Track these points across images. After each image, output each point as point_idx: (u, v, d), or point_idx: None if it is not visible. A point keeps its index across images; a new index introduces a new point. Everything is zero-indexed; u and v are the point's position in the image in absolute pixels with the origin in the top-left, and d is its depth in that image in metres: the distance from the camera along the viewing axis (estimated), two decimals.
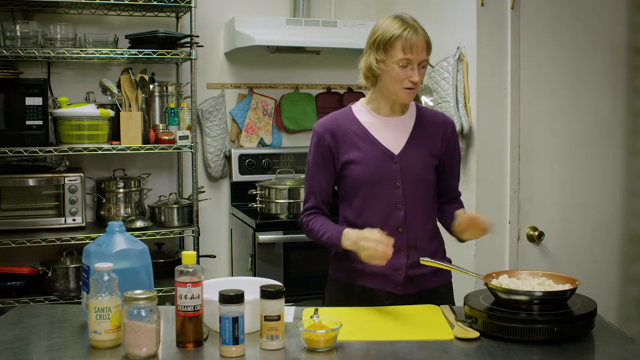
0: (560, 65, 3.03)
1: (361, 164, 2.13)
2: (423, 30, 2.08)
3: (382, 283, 2.14)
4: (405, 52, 2.04)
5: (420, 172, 2.14)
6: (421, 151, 2.15)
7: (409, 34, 2.05)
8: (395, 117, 2.18)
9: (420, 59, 2.06)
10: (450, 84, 3.03)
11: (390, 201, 2.12)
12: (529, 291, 1.80)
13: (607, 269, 3.17)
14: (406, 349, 1.71)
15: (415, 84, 2.07)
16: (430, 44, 2.08)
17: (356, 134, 2.16)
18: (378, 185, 2.12)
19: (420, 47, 2.05)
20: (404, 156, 2.13)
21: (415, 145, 2.15)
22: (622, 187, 3.17)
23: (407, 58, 2.05)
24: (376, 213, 2.12)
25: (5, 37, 3.25)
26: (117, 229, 1.90)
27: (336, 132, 2.16)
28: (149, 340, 1.64)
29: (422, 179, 2.15)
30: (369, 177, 2.12)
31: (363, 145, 2.14)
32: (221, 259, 3.89)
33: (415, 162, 2.14)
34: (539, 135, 3.02)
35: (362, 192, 2.14)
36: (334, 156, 2.16)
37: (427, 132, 2.18)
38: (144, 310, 1.64)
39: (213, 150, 3.79)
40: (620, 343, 1.75)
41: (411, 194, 2.13)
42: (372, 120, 2.18)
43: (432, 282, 2.17)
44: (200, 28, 3.61)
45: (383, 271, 2.10)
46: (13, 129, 3.16)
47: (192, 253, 1.71)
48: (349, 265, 2.16)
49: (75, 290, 3.28)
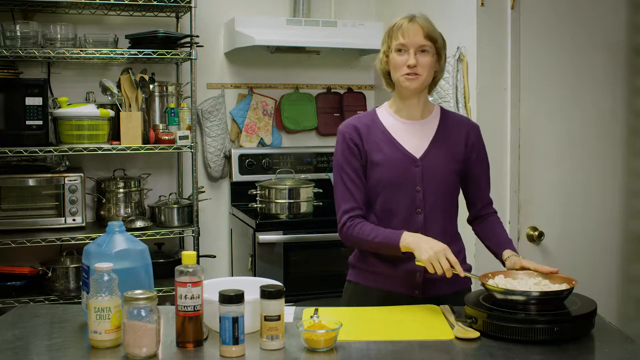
0: (560, 65, 3.03)
1: (383, 167, 2.13)
2: (424, 20, 2.10)
3: (400, 286, 2.14)
4: (399, 37, 2.08)
5: (441, 176, 2.14)
6: (443, 155, 2.15)
7: (404, 21, 2.09)
8: (418, 120, 2.18)
9: (416, 44, 2.07)
10: (450, 84, 3.03)
11: (410, 205, 2.12)
12: (525, 291, 1.80)
13: (607, 269, 3.17)
14: (406, 349, 1.71)
15: (412, 67, 2.07)
16: (430, 30, 2.08)
17: (379, 136, 2.16)
18: (399, 188, 2.12)
19: (413, 32, 2.07)
20: (425, 160, 2.13)
21: (438, 149, 2.15)
22: (622, 187, 3.17)
23: (402, 43, 2.08)
24: (396, 216, 2.12)
25: (5, 37, 3.25)
26: (117, 229, 1.90)
27: (361, 131, 2.17)
28: (149, 340, 1.64)
29: (443, 183, 2.14)
30: (390, 180, 2.12)
31: (385, 148, 2.14)
32: (221, 259, 3.89)
33: (436, 166, 2.13)
34: (539, 135, 3.02)
35: (382, 195, 2.14)
36: (361, 152, 2.15)
37: (450, 136, 2.18)
38: (144, 310, 1.64)
39: (213, 150, 3.79)
40: (620, 343, 1.75)
41: (431, 198, 2.12)
42: (395, 123, 2.18)
43: (452, 286, 2.13)
44: (200, 28, 3.61)
45: (401, 274, 2.11)
46: (13, 129, 3.16)
47: (192, 253, 1.71)
48: (368, 268, 2.17)
49: (75, 290, 3.28)
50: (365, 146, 2.15)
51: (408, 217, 2.12)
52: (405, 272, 2.12)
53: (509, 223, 3.00)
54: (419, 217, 2.12)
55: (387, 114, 2.21)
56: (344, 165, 2.15)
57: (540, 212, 3.03)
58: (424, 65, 2.08)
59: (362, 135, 2.16)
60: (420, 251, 1.95)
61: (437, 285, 2.12)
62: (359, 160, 2.15)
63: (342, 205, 2.14)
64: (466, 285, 2.20)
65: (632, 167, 3.17)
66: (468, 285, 2.21)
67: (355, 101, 4.02)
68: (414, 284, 2.13)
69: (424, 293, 2.13)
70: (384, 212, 2.14)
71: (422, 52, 2.08)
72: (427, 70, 2.09)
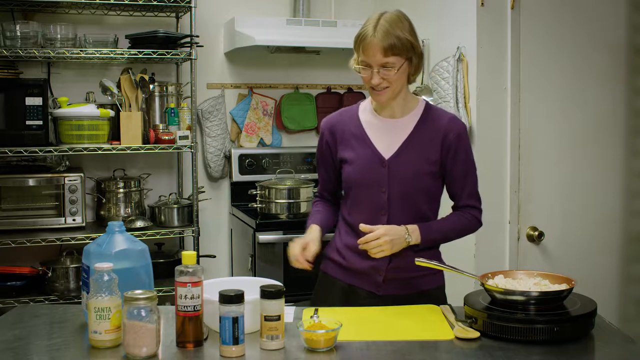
0: (560, 65, 3.03)
1: (352, 164, 2.14)
2: (385, 30, 1.99)
3: (363, 282, 2.15)
4: (361, 53, 2.04)
5: (410, 178, 2.09)
6: (414, 157, 2.10)
7: (368, 32, 2.01)
8: (396, 118, 2.15)
9: (377, 62, 2.01)
10: (450, 84, 3.03)
11: (375, 205, 2.11)
12: (525, 291, 1.80)
13: (607, 269, 3.17)
14: (406, 349, 1.71)
15: (376, 86, 2.04)
16: (390, 45, 1.98)
17: (354, 133, 2.16)
18: (365, 187, 2.12)
19: (372, 50, 2.00)
20: (394, 161, 2.10)
21: (409, 150, 2.11)
22: (622, 187, 3.17)
23: (364, 60, 2.04)
24: (362, 215, 2.13)
25: (5, 37, 3.25)
26: (117, 229, 1.90)
27: (336, 129, 2.19)
28: (149, 340, 1.64)
29: (411, 184, 2.10)
30: (357, 179, 2.13)
31: (357, 146, 2.14)
32: (221, 259, 3.89)
33: (406, 168, 2.09)
34: (539, 135, 3.02)
35: (352, 192, 2.17)
36: (332, 152, 2.22)
37: (427, 136, 2.12)
38: (144, 310, 1.64)
39: (213, 150, 3.79)
40: (620, 343, 1.75)
41: (397, 200, 2.10)
42: (372, 120, 2.17)
43: (415, 286, 2.14)
44: (200, 28, 3.61)
45: (366, 270, 2.13)
46: (13, 129, 3.16)
47: (192, 253, 1.71)
48: (336, 260, 2.21)
49: (75, 290, 3.28)
50: (338, 144, 2.18)
51: (373, 217, 2.11)
52: (368, 268, 2.12)
53: (509, 223, 3.00)
54: (383, 219, 2.10)
55: (367, 110, 2.20)
56: (319, 160, 2.29)
57: (540, 212, 3.03)
58: (390, 80, 2.04)
59: (335, 134, 2.19)
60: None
61: (398, 284, 2.11)
62: (330, 157, 2.22)
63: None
64: (430, 285, 2.18)
65: (632, 167, 3.17)
66: (432, 285, 2.19)
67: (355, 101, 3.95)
68: (376, 282, 2.13)
69: (386, 292, 2.13)
70: (353, 208, 2.17)
71: (386, 68, 2.02)
72: (394, 83, 2.05)
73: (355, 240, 2.11)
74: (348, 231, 2.20)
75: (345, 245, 2.20)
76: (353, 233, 2.16)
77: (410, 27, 2.07)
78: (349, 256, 2.18)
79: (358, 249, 2.11)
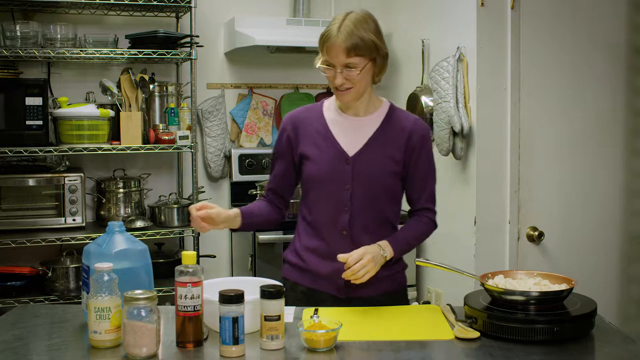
0: (560, 65, 3.03)
1: (314, 161, 2.11)
2: (348, 31, 1.98)
3: (324, 285, 2.13)
4: (324, 52, 2.03)
5: (374, 176, 2.09)
6: (379, 155, 2.10)
7: (333, 31, 2.00)
8: (360, 117, 2.14)
9: (339, 62, 2.00)
10: (450, 84, 3.03)
11: (337, 203, 2.09)
12: (525, 291, 1.80)
13: (607, 269, 3.17)
14: (406, 349, 1.71)
15: (339, 87, 2.03)
16: (353, 45, 1.97)
17: (318, 130, 2.14)
18: (328, 184, 2.10)
19: (335, 51, 1.99)
20: (358, 158, 2.09)
21: (374, 148, 2.10)
22: (622, 187, 3.17)
23: (327, 60, 2.03)
24: (324, 212, 2.12)
25: (5, 37, 3.25)
26: (117, 229, 1.90)
27: (299, 125, 2.16)
28: (149, 340, 1.64)
29: (375, 183, 2.09)
30: (320, 176, 2.11)
31: (321, 142, 2.12)
32: (221, 259, 3.89)
33: (370, 165, 2.09)
34: (539, 135, 3.02)
35: (313, 190, 2.14)
36: (292, 147, 2.17)
37: (391, 136, 2.11)
38: (144, 310, 1.64)
39: (213, 150, 3.79)
40: (620, 343, 1.75)
41: (360, 198, 2.09)
42: (337, 118, 2.15)
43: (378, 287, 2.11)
44: (200, 28, 3.61)
45: (327, 274, 2.10)
46: (13, 129, 3.16)
47: (192, 253, 1.72)
48: (297, 264, 2.17)
49: (75, 290, 3.28)
50: (299, 141, 2.15)
51: (335, 214, 2.09)
52: (330, 271, 2.10)
53: (509, 223, 3.00)
54: (345, 216, 2.09)
55: (331, 108, 2.18)
56: (277, 155, 2.22)
57: (540, 212, 3.03)
58: (353, 80, 2.02)
59: (297, 130, 2.16)
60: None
61: (360, 287, 2.07)
62: (290, 153, 2.18)
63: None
64: (393, 286, 2.17)
65: (632, 167, 3.17)
66: (396, 287, 2.18)
67: None
68: (338, 284, 2.11)
69: (348, 294, 2.11)
70: (314, 206, 2.14)
71: (349, 68, 2.01)
72: (358, 82, 2.03)
73: (316, 242, 2.11)
74: (308, 232, 2.16)
75: (305, 248, 2.16)
76: (314, 233, 2.14)
77: (375, 28, 2.05)
78: (309, 259, 2.15)
79: (319, 251, 2.11)
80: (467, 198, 3.06)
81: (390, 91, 3.84)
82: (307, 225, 2.17)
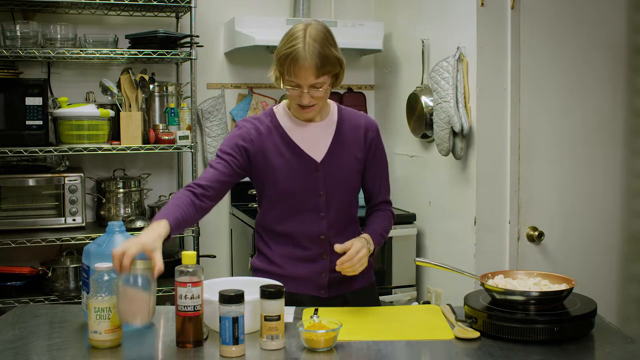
0: (560, 65, 3.03)
1: (283, 173, 2.06)
2: (314, 52, 1.92)
3: (305, 287, 2.12)
4: (291, 74, 1.94)
5: (344, 179, 2.10)
6: (345, 156, 2.10)
7: (296, 55, 1.91)
8: (315, 122, 2.11)
9: (308, 83, 1.95)
10: (450, 84, 3.03)
11: (313, 210, 2.08)
12: (525, 291, 1.80)
13: (607, 269, 3.17)
14: (406, 349, 1.71)
15: (305, 105, 1.99)
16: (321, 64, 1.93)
17: (279, 139, 2.08)
18: (300, 194, 2.07)
19: (304, 73, 1.93)
20: (327, 163, 2.09)
21: (339, 150, 2.10)
22: (622, 187, 3.17)
23: (293, 81, 1.96)
24: (298, 221, 2.09)
25: (5, 37, 3.25)
26: (117, 229, 1.90)
27: (261, 134, 2.07)
28: (143, 308, 1.63)
29: (346, 185, 2.11)
30: (291, 187, 2.07)
31: (286, 152, 2.07)
32: (221, 259, 3.89)
33: (338, 168, 2.09)
34: (539, 135, 3.02)
35: (284, 201, 2.09)
36: (248, 154, 2.06)
37: (350, 135, 2.12)
38: (140, 278, 1.63)
39: (213, 150, 3.79)
40: (620, 343, 1.75)
41: (335, 202, 2.10)
42: (293, 125, 2.10)
43: (356, 283, 2.14)
44: (200, 28, 3.61)
45: (306, 276, 2.10)
46: (13, 129, 3.16)
47: (192, 253, 1.72)
48: (271, 271, 2.13)
49: (75, 290, 3.28)
50: (262, 152, 2.06)
51: (311, 222, 2.09)
52: (310, 274, 2.10)
53: (509, 223, 3.00)
54: (322, 222, 2.09)
55: (285, 115, 2.11)
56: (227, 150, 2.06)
57: (540, 212, 3.03)
58: (319, 98, 2.00)
59: (260, 136, 2.06)
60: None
61: (342, 284, 2.10)
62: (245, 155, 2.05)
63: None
64: (365, 282, 2.18)
65: (632, 167, 3.17)
66: (368, 282, 2.19)
67: (355, 101, 4.02)
68: (320, 284, 2.11)
69: (330, 293, 2.12)
70: (289, 217, 2.09)
71: (316, 87, 1.97)
72: (322, 99, 2.02)
73: (291, 249, 2.09)
74: (281, 241, 2.12)
75: (281, 255, 2.13)
76: (287, 241, 2.11)
77: (334, 41, 2.00)
78: (287, 265, 2.12)
79: (297, 256, 2.10)
80: (467, 198, 3.06)
81: (390, 91, 3.85)
82: (278, 236, 2.13)
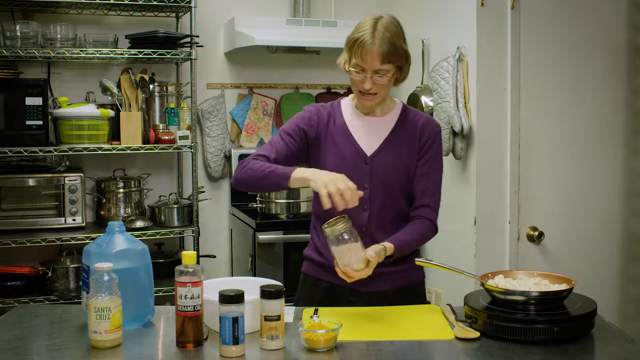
0: (560, 65, 3.03)
1: (333, 160, 2.13)
2: (385, 38, 2.01)
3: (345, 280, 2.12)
4: (357, 56, 2.03)
5: (391, 175, 2.13)
6: (396, 154, 2.13)
7: (366, 38, 2.00)
8: (376, 117, 2.17)
9: (372, 68, 2.02)
10: (450, 84, 3.03)
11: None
12: (525, 291, 1.80)
13: (607, 269, 3.17)
14: (406, 349, 1.71)
15: (366, 91, 2.05)
16: (389, 53, 2.00)
17: (337, 129, 2.16)
18: None
19: (371, 57, 2.01)
20: (376, 158, 2.13)
21: (391, 148, 2.14)
22: (622, 187, 3.17)
23: (359, 64, 2.04)
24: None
25: (5, 37, 3.25)
26: (117, 229, 1.90)
27: (323, 118, 2.17)
28: (360, 254, 1.88)
29: (393, 182, 2.13)
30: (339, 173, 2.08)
31: (340, 140, 2.14)
32: (221, 259, 3.89)
33: (387, 165, 2.12)
34: (538, 135, 3.02)
35: None
36: (307, 138, 2.16)
37: (406, 135, 2.16)
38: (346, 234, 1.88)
39: (213, 150, 3.79)
40: (620, 343, 1.75)
41: (379, 197, 2.12)
42: (354, 117, 2.18)
43: (397, 281, 2.15)
44: (200, 28, 3.61)
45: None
46: (13, 129, 3.16)
47: (192, 253, 1.71)
48: (318, 260, 2.18)
49: (75, 290, 3.28)
50: (320, 137, 2.15)
51: (354, 213, 2.06)
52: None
53: (509, 223, 3.00)
54: (365, 214, 2.11)
55: (349, 106, 2.20)
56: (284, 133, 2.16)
57: (540, 212, 3.03)
58: (381, 86, 2.06)
59: (320, 122, 2.16)
60: (316, 180, 1.92)
61: (380, 281, 2.10)
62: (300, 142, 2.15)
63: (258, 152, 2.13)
64: (412, 280, 2.19)
65: (632, 167, 3.17)
66: (414, 280, 2.20)
67: None
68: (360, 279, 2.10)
69: (368, 288, 2.13)
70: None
71: (379, 74, 2.05)
72: (384, 89, 2.08)
73: None
74: None
75: (325, 245, 2.15)
76: None
77: (403, 35, 2.10)
78: (330, 255, 2.11)
79: None
80: (467, 198, 3.06)
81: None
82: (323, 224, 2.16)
